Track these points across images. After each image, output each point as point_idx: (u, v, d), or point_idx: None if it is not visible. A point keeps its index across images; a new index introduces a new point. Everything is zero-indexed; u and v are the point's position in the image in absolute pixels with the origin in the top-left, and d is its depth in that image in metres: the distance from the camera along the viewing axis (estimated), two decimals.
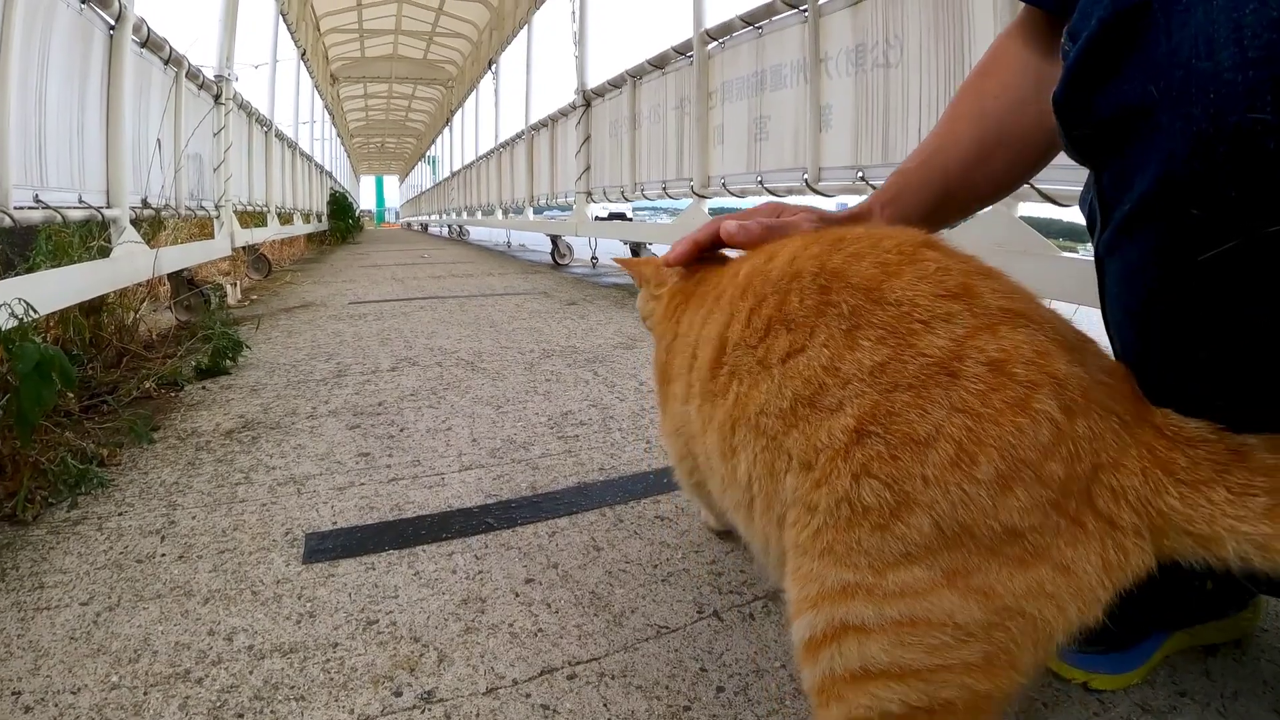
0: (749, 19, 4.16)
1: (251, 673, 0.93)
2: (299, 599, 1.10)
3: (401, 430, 1.89)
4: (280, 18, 9.13)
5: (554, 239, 7.86)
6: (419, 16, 14.93)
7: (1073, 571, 0.59)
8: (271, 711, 0.86)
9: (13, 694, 0.89)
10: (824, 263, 0.68)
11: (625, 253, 5.87)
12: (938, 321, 0.60)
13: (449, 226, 18.51)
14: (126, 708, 0.87)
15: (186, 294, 3.76)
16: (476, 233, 16.28)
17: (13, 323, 1.56)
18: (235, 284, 4.96)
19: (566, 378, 2.44)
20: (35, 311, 1.81)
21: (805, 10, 3.67)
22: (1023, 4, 0.92)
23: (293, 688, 0.90)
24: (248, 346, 2.81)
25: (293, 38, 10.26)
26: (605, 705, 0.86)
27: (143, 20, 3.58)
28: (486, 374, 2.50)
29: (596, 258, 7.21)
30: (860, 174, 3.29)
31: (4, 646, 0.99)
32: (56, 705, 0.87)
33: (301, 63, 11.30)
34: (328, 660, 0.95)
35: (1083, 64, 0.59)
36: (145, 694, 0.89)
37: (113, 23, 3.33)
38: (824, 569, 0.63)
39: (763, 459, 0.69)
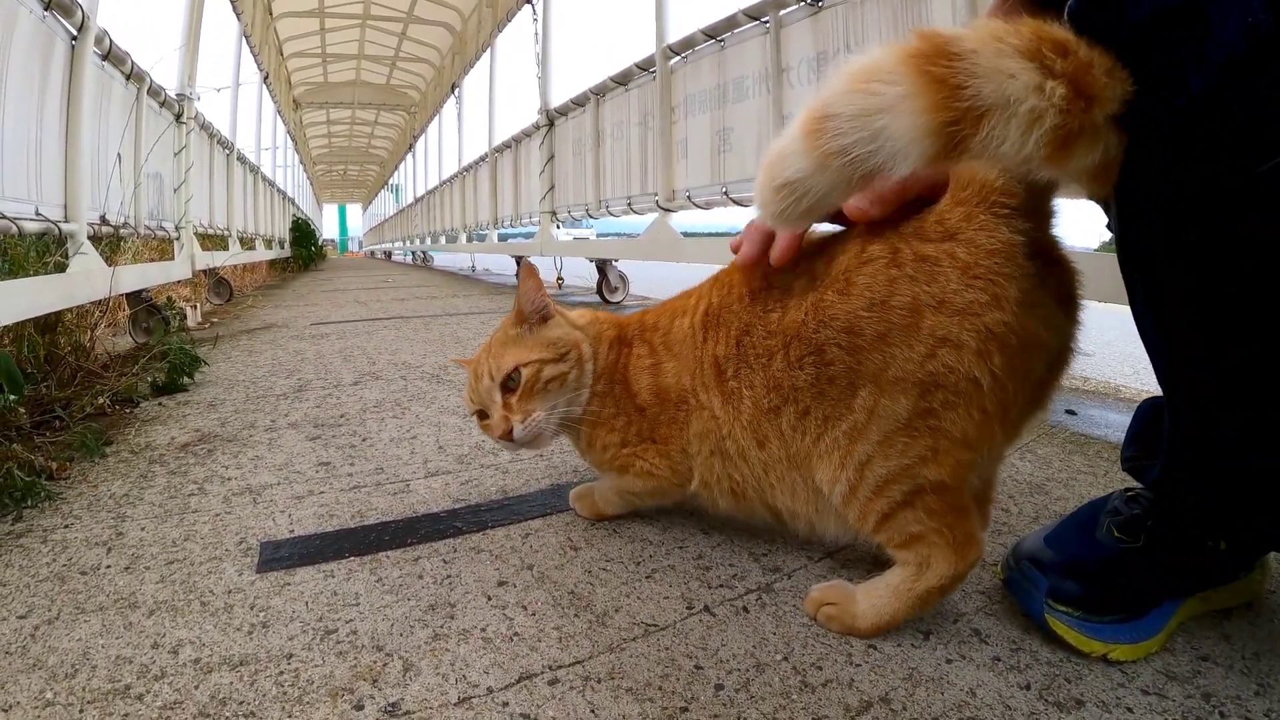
0: (711, 32, 4.18)
1: (197, 687, 0.85)
2: (251, 609, 1.02)
3: (364, 440, 1.82)
4: (244, 39, 9.04)
5: (519, 261, 7.79)
6: (382, 41, 14.90)
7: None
8: None
9: None
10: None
11: (592, 270, 5.81)
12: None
13: (413, 253, 18.48)
14: None
15: (145, 316, 3.66)
16: (440, 259, 16.25)
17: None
18: (195, 307, 4.86)
19: None
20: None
21: (767, 21, 3.68)
22: None
23: (242, 703, 0.82)
24: (205, 363, 2.73)
25: (256, 61, 10.17)
26: (593, 711, 0.79)
27: (105, 32, 3.52)
28: (452, 386, 2.43)
29: (562, 278, 7.16)
30: None
31: None
32: None
33: (264, 86, 11.22)
34: (281, 673, 0.87)
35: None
36: (81, 711, 0.81)
37: (75, 33, 3.26)
38: (836, 431, 0.90)
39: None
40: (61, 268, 3.04)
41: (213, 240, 6.72)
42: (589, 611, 1.00)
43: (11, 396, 1.45)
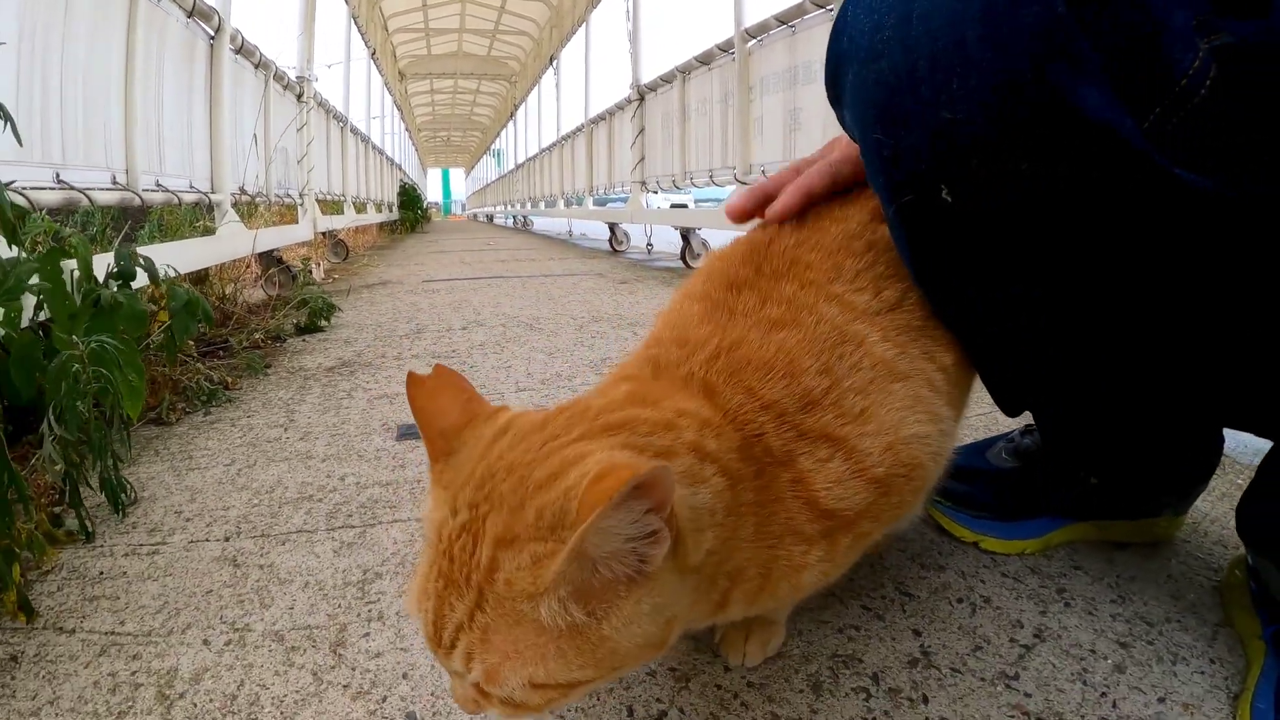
0: (783, 18, 4.46)
1: (358, 495, 1.33)
2: (393, 458, 1.50)
3: (471, 368, 2.28)
4: (352, 20, 9.60)
5: (611, 227, 8.19)
6: (482, 15, 15.36)
7: None
8: (373, 514, 1.25)
9: (175, 513, 1.28)
10: None
11: (677, 237, 6.10)
12: None
13: (513, 217, 18.86)
14: (266, 515, 1.26)
15: (276, 272, 4.19)
16: (539, 223, 16.55)
17: (171, 274, 1.94)
18: (319, 264, 5.41)
19: (610, 335, 2.80)
20: (173, 270, 2.22)
21: (831, 9, 3.95)
22: None
23: (388, 503, 1.29)
24: (339, 309, 3.25)
25: (363, 38, 10.72)
26: None
27: (238, 30, 4.04)
28: (542, 333, 2.87)
29: (651, 244, 7.44)
30: None
31: (165, 489, 1.39)
32: (210, 516, 1.27)
33: (371, 61, 11.79)
34: (413, 489, 1.34)
35: (827, 88, 0.83)
36: (280, 508, 1.29)
37: (212, 34, 3.79)
38: None
39: None
40: (210, 231, 3.60)
41: (329, 205, 7.28)
42: None
43: (200, 321, 1.92)
